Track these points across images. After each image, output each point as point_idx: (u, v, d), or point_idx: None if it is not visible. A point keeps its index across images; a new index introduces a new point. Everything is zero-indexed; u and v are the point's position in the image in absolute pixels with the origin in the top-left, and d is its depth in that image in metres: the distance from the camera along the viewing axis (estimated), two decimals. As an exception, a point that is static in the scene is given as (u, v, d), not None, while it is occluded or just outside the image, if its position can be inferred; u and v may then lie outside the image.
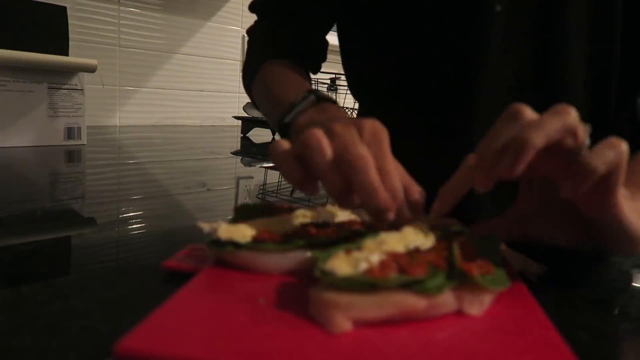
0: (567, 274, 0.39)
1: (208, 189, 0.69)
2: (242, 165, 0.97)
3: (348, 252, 0.30)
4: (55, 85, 0.96)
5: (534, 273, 0.36)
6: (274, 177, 0.84)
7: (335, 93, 1.68)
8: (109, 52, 1.46)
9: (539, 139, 0.30)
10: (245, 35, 0.74)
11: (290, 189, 0.75)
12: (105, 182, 0.72)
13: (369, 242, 0.31)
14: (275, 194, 0.70)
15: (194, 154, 1.05)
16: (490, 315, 0.29)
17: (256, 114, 1.50)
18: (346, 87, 1.21)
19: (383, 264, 0.28)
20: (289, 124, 0.51)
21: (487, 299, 0.29)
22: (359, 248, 0.30)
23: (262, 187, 0.75)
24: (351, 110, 1.49)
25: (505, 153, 0.30)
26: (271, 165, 0.97)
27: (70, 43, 1.03)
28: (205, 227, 0.35)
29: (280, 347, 0.24)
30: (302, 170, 0.35)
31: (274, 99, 0.60)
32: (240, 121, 1.50)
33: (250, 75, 0.69)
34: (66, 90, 0.98)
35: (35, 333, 0.26)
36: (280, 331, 0.25)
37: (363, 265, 0.28)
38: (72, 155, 0.91)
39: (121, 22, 1.48)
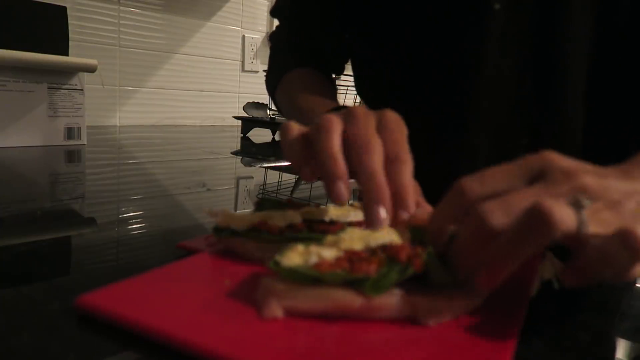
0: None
1: (208, 189, 0.69)
2: (242, 165, 0.97)
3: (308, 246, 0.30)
4: (55, 85, 0.96)
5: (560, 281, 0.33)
6: (274, 177, 0.84)
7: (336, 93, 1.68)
8: (109, 52, 1.46)
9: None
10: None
11: (291, 189, 0.75)
12: (105, 182, 0.72)
13: (330, 238, 0.31)
14: (275, 194, 0.70)
15: (194, 154, 1.05)
16: (449, 327, 0.28)
17: (256, 114, 1.50)
18: (346, 87, 1.21)
19: (337, 260, 0.28)
20: None
21: (446, 310, 0.28)
22: (321, 243, 0.30)
23: (262, 187, 0.75)
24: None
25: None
26: (271, 165, 0.97)
27: (70, 43, 1.02)
28: (211, 213, 0.38)
29: (210, 324, 0.26)
30: (304, 151, 0.36)
31: (300, 112, 0.61)
32: (240, 121, 1.50)
33: (274, 82, 0.71)
34: (66, 90, 0.98)
35: (35, 333, 0.26)
36: (222, 314, 0.27)
37: (313, 259, 0.28)
38: (72, 155, 0.91)
39: (121, 22, 1.48)
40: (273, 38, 0.76)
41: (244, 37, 1.80)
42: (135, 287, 0.29)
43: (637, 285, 0.40)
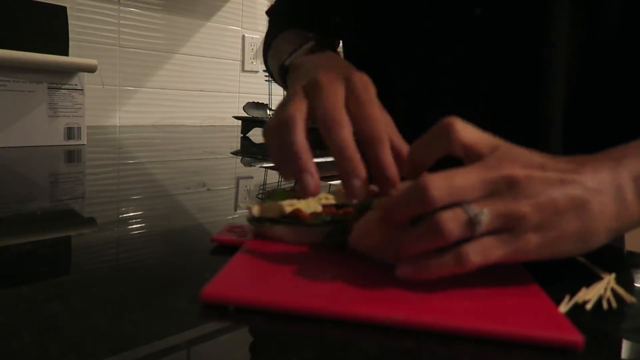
0: (566, 274, 0.39)
1: (208, 189, 0.69)
2: (242, 165, 0.97)
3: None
4: (55, 85, 0.96)
5: None
6: (274, 177, 0.84)
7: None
8: (109, 52, 1.46)
9: (476, 260, 0.30)
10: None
11: (290, 188, 0.75)
12: (105, 182, 0.72)
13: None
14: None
15: (194, 154, 1.05)
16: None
17: (256, 114, 1.50)
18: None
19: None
20: (288, 67, 0.52)
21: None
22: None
23: (262, 187, 0.75)
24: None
25: (439, 260, 0.31)
26: (271, 165, 0.97)
27: (70, 43, 1.02)
28: (245, 207, 0.44)
29: (332, 289, 0.31)
30: (281, 150, 0.37)
31: (278, 52, 0.63)
32: (240, 121, 1.50)
33: (267, 47, 0.73)
34: (66, 90, 0.98)
35: (35, 333, 0.26)
36: (327, 279, 0.33)
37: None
38: (72, 155, 0.91)
39: (121, 22, 1.48)
40: (271, 12, 0.77)
41: (244, 37, 1.80)
42: (240, 274, 0.33)
43: (637, 285, 0.40)
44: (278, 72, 0.54)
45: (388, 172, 0.35)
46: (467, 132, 0.33)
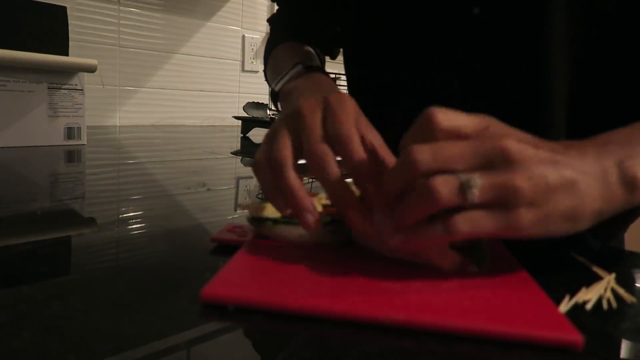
0: (566, 275, 0.39)
1: (208, 189, 0.69)
2: (242, 165, 0.97)
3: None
4: (55, 85, 0.96)
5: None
6: (274, 177, 0.84)
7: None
8: (109, 52, 1.46)
9: (465, 229, 0.30)
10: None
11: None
12: (105, 182, 0.72)
13: None
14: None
15: (194, 154, 1.05)
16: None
17: (256, 114, 1.50)
18: (346, 87, 1.21)
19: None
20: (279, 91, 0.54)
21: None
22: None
23: (261, 187, 0.75)
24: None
25: (428, 229, 0.31)
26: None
27: (70, 43, 1.02)
28: (241, 206, 0.45)
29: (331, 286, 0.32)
30: (275, 187, 0.38)
31: (274, 71, 0.65)
32: (240, 121, 1.50)
33: (267, 58, 0.74)
34: (66, 90, 0.98)
35: (35, 333, 0.26)
36: (327, 278, 0.33)
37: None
38: (72, 155, 0.91)
39: (121, 22, 1.48)
40: (272, 21, 0.78)
41: (244, 37, 1.80)
42: (240, 274, 0.33)
43: (637, 285, 0.40)
44: (270, 96, 0.57)
45: (359, 167, 0.35)
46: (449, 119, 0.33)
